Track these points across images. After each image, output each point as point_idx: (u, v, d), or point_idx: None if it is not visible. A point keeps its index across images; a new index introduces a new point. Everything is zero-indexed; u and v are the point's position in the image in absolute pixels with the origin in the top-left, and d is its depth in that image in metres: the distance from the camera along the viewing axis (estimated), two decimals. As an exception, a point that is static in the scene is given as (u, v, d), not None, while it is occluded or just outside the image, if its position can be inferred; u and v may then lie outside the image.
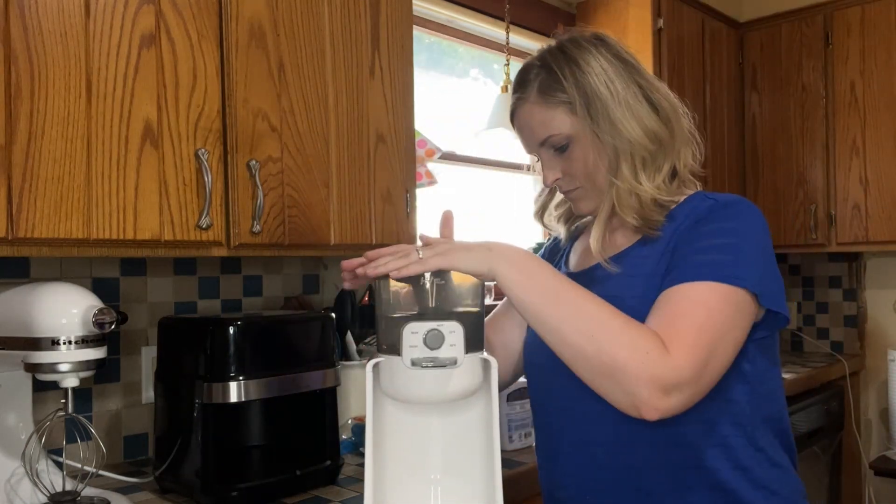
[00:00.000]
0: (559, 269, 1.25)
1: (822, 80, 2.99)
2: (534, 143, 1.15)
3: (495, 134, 2.52)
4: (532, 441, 1.79)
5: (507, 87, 2.47)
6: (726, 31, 3.08)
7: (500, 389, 1.63)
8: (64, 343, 1.19)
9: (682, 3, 2.79)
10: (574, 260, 1.25)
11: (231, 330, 1.35)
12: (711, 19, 2.98)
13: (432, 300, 0.99)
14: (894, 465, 2.86)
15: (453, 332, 0.93)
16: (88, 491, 1.30)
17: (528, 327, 1.23)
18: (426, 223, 2.19)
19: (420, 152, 2.07)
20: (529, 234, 2.86)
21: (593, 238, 1.11)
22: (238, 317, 1.41)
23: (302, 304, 1.98)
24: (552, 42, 1.16)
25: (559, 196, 1.25)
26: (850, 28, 2.91)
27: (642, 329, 0.95)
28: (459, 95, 2.67)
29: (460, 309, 1.00)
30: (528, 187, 2.92)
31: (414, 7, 1.84)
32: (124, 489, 1.43)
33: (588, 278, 1.13)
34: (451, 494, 1.05)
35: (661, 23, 2.65)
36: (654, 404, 0.92)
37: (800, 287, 3.43)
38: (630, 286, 1.07)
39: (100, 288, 1.60)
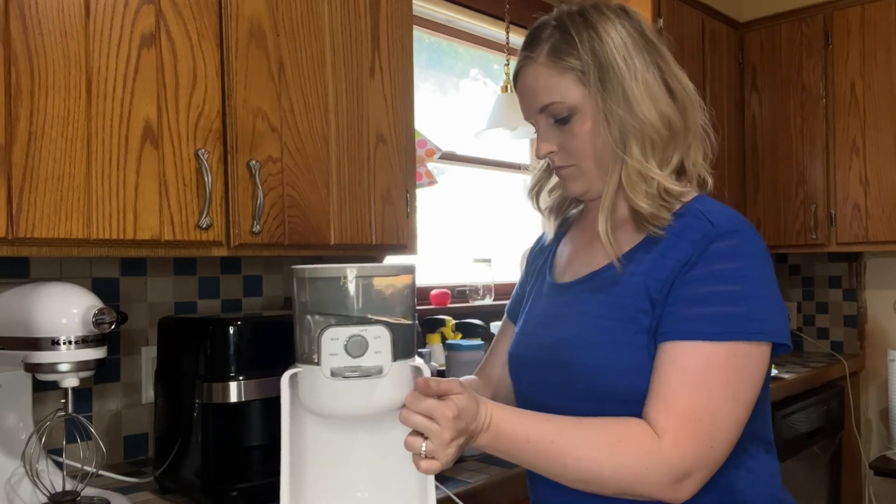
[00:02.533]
0: (544, 277, 1.18)
1: (822, 80, 2.99)
2: (533, 109, 1.05)
3: (495, 134, 2.52)
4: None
5: (507, 87, 2.47)
6: (726, 31, 3.08)
7: None
8: (64, 343, 1.19)
9: (682, 3, 2.79)
10: (559, 268, 1.16)
11: (231, 330, 1.35)
12: (711, 19, 2.98)
13: (357, 303, 0.88)
14: (894, 465, 2.86)
15: (378, 338, 0.85)
16: (88, 491, 1.30)
17: (513, 337, 1.19)
18: (426, 224, 2.20)
19: (420, 152, 2.06)
20: (529, 233, 2.86)
21: (600, 224, 1.01)
22: (238, 317, 1.41)
23: (302, 304, 1.98)
24: (572, 4, 1.05)
25: (554, 179, 1.17)
26: (850, 28, 2.91)
27: (630, 444, 0.90)
28: (459, 95, 2.67)
29: (388, 313, 0.89)
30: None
31: (414, 7, 1.84)
32: (124, 489, 1.43)
33: (571, 293, 1.08)
34: None
35: (660, 23, 2.65)
36: (675, 498, 0.90)
37: (800, 287, 3.43)
38: (613, 306, 1.00)
39: (100, 288, 1.60)
